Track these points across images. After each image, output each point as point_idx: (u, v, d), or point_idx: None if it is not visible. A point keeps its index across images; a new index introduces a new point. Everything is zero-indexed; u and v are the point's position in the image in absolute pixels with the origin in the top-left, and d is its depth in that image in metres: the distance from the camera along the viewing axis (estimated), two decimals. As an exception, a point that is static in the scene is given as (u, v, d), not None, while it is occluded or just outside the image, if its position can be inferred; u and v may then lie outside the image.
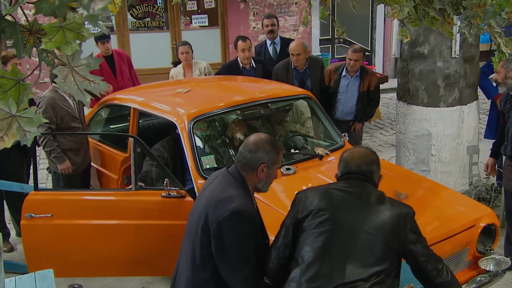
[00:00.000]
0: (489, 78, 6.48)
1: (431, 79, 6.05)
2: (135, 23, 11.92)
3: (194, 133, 4.65)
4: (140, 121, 5.48)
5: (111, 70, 7.38)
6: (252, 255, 2.94)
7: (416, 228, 2.89)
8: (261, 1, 12.32)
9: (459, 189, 6.11)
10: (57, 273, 3.94)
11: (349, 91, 6.63)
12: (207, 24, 12.30)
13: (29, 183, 5.91)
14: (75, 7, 1.58)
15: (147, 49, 11.77)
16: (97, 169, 5.84)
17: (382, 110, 10.63)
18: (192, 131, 4.63)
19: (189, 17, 12.28)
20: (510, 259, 4.20)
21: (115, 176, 5.44)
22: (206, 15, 12.25)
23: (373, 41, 13.59)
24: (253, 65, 6.92)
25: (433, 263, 2.84)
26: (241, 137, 5.17)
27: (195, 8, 12.18)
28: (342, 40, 13.28)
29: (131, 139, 4.58)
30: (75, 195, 4.66)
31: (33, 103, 5.84)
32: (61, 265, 4.43)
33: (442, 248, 3.90)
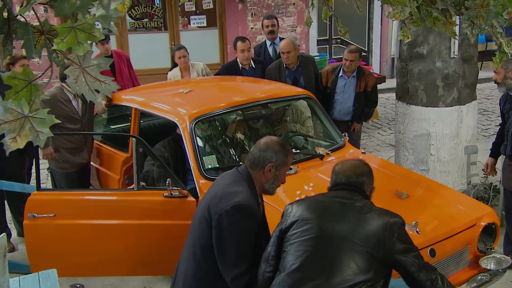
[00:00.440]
0: None
1: (430, 79, 6.06)
2: (133, 23, 11.89)
3: (195, 133, 4.65)
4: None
5: (111, 70, 7.35)
6: (250, 252, 2.96)
7: (405, 237, 2.81)
8: (259, 2, 12.31)
9: (458, 188, 6.12)
10: (60, 273, 3.92)
11: (346, 91, 6.63)
12: (205, 24, 12.27)
13: (30, 183, 5.91)
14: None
15: (145, 49, 11.75)
16: (98, 168, 5.82)
17: (379, 110, 10.65)
18: (193, 131, 4.63)
19: (187, 18, 12.25)
20: (510, 257, 4.20)
21: (116, 176, 5.42)
22: (204, 16, 12.23)
23: (370, 41, 13.61)
24: (253, 66, 6.92)
25: (426, 272, 2.75)
26: (241, 137, 5.17)
27: (193, 8, 12.15)
28: (339, 40, 13.29)
29: (133, 139, 4.57)
30: (77, 195, 4.64)
31: None
32: (63, 264, 4.42)
33: (443, 247, 3.91)
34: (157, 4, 12.17)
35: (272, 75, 6.62)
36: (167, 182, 4.34)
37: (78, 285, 5.05)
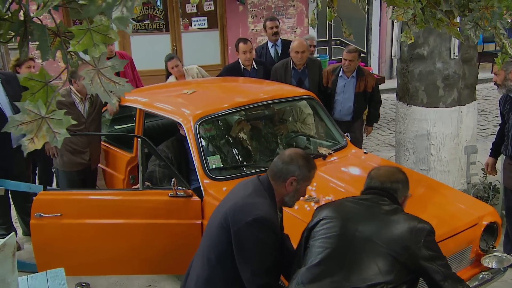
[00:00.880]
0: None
1: (430, 80, 6.05)
2: (135, 25, 11.87)
3: (200, 134, 4.64)
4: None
5: (115, 71, 7.33)
6: (272, 264, 2.92)
7: (433, 245, 2.75)
8: (259, 4, 12.31)
9: (458, 187, 6.12)
10: (66, 272, 3.90)
11: (346, 91, 6.63)
12: (206, 26, 12.27)
13: (36, 183, 5.90)
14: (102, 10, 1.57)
15: (147, 51, 11.73)
16: (103, 168, 5.82)
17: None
18: (198, 132, 4.62)
19: (189, 19, 12.25)
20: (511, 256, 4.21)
21: (121, 176, 5.42)
22: (205, 18, 12.23)
23: (369, 42, 13.61)
24: (254, 67, 6.91)
25: (452, 282, 2.69)
26: (244, 137, 5.17)
27: (195, 10, 12.16)
28: (339, 42, 13.30)
29: (138, 139, 4.57)
30: (83, 195, 4.64)
31: None
32: (69, 263, 4.40)
33: (446, 246, 3.89)
34: (159, 5, 12.16)
35: (277, 73, 6.62)
36: (172, 182, 4.33)
37: (83, 284, 5.05)
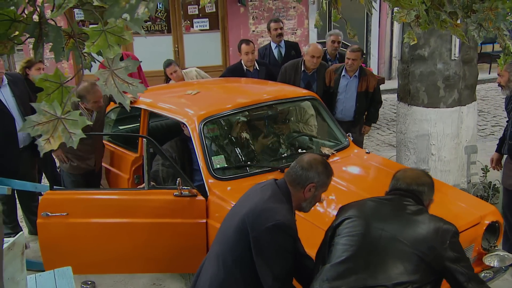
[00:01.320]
0: None
1: (431, 80, 6.05)
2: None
3: (204, 134, 4.64)
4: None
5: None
6: (291, 268, 2.90)
7: (458, 247, 2.74)
8: (260, 6, 12.31)
9: (458, 187, 6.11)
10: (72, 270, 3.91)
11: (348, 90, 6.62)
12: (207, 27, 12.29)
13: (41, 182, 5.89)
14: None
15: (149, 52, 11.72)
16: (107, 168, 5.81)
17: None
18: (202, 132, 4.62)
19: (190, 21, 12.25)
20: (513, 255, 4.20)
21: (126, 175, 5.41)
22: (207, 19, 12.24)
23: (368, 43, 13.61)
24: (257, 68, 6.91)
25: (475, 284, 2.69)
26: (248, 137, 5.17)
27: (196, 12, 12.16)
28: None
29: (143, 139, 4.56)
30: (90, 195, 4.63)
31: None
32: (75, 262, 4.39)
33: (448, 245, 3.90)
34: (160, 7, 12.15)
35: (287, 73, 6.63)
36: (177, 181, 4.33)
37: (89, 282, 5.05)
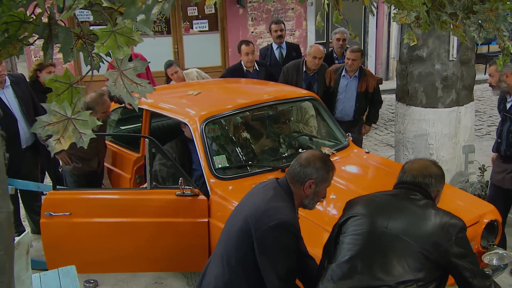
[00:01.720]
0: None
1: (429, 81, 6.05)
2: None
3: (206, 134, 4.63)
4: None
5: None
6: (295, 267, 2.87)
7: (464, 242, 2.65)
8: (259, 7, 12.29)
9: (456, 186, 6.11)
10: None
11: (348, 90, 6.62)
12: (207, 28, 12.25)
13: (44, 182, 5.88)
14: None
15: (149, 53, 11.67)
16: (109, 168, 5.80)
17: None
18: (204, 132, 4.61)
19: (190, 22, 12.23)
20: (512, 253, 4.21)
21: (127, 175, 5.40)
22: (206, 20, 12.21)
23: (366, 44, 13.59)
24: (257, 68, 6.91)
25: (480, 280, 2.62)
26: (248, 136, 5.16)
27: (196, 13, 12.15)
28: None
29: (146, 139, 4.55)
30: (92, 194, 4.62)
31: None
32: (78, 261, 4.37)
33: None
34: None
35: (289, 73, 6.63)
36: (180, 181, 4.32)
37: (91, 281, 5.04)
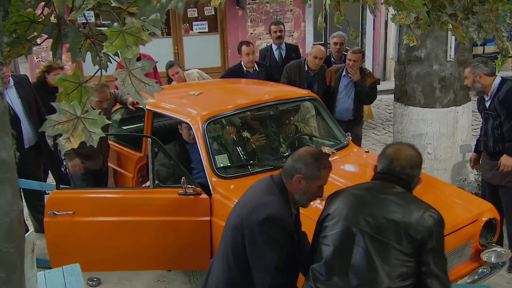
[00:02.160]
0: None
1: (427, 81, 6.06)
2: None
3: (208, 133, 4.63)
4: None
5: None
6: (284, 262, 2.80)
7: (439, 239, 2.54)
8: (258, 9, 12.28)
9: (454, 185, 6.11)
10: (79, 268, 3.91)
11: (348, 90, 6.61)
12: (207, 30, 12.24)
13: (47, 181, 5.87)
14: (134, 12, 1.55)
15: (150, 54, 11.66)
16: (112, 167, 5.79)
17: (374, 111, 10.64)
18: (206, 131, 4.61)
19: (190, 24, 12.23)
20: (510, 251, 4.21)
21: (130, 174, 5.40)
22: (205, 22, 12.20)
23: (363, 46, 13.59)
24: (256, 69, 6.90)
25: (436, 282, 2.49)
26: (249, 136, 5.16)
27: (196, 15, 12.14)
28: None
29: (148, 139, 4.54)
30: (96, 193, 4.62)
31: None
32: (82, 260, 4.36)
33: (448, 241, 3.82)
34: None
35: (291, 73, 6.62)
36: (182, 180, 4.32)
37: (94, 279, 5.03)
